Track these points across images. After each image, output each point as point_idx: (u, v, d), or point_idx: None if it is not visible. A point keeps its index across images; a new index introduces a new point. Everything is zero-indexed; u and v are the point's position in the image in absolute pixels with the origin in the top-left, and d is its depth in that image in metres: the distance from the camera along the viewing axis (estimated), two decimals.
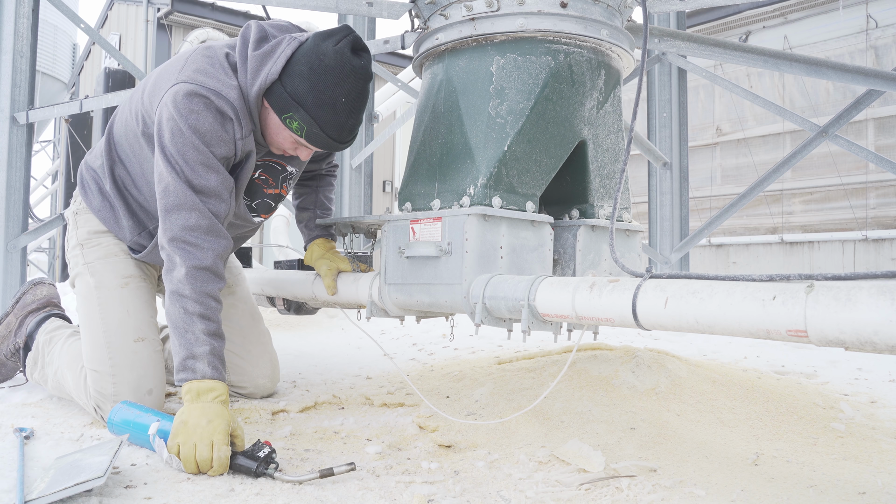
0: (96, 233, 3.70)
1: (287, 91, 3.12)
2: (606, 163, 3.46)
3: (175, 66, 3.27)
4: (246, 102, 3.20)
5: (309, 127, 3.12)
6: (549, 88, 3.26)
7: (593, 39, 3.34)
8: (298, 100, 3.09)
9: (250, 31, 3.24)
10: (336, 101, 3.07)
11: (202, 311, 3.03)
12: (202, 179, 3.11)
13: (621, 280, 2.45)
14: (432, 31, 3.50)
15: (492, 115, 3.21)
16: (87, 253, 3.68)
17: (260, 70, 3.14)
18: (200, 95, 3.09)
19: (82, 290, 3.65)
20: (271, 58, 3.15)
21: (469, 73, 3.36)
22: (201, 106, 3.08)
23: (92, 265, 3.65)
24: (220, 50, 3.27)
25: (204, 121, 3.09)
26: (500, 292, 2.86)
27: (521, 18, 3.28)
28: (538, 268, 3.20)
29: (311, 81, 3.06)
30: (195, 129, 3.08)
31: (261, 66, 3.15)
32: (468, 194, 3.13)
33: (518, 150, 3.19)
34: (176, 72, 3.21)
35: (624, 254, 3.49)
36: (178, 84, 3.11)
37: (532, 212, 3.22)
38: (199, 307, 3.03)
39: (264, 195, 3.60)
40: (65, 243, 3.88)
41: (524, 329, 2.75)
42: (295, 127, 3.14)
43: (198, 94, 3.09)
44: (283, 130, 3.23)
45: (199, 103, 3.08)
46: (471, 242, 3.03)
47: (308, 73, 3.07)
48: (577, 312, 2.54)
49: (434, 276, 3.15)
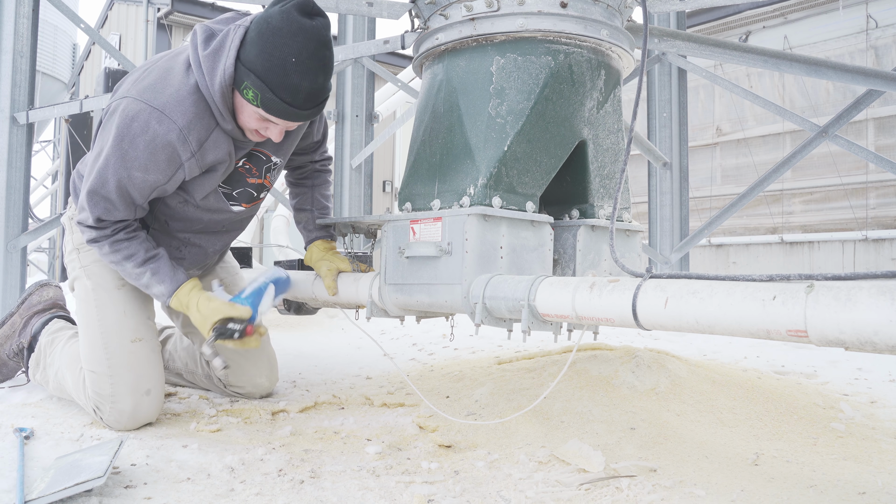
0: None
1: (241, 62, 3.05)
2: (606, 163, 3.46)
3: (138, 72, 3.29)
4: (210, 105, 3.17)
5: (262, 93, 3.04)
6: (549, 88, 3.26)
7: (593, 39, 3.35)
8: (249, 66, 3.03)
9: (196, 35, 3.20)
10: (286, 61, 2.98)
11: (124, 256, 3.39)
12: (107, 188, 3.22)
13: (621, 280, 2.46)
14: (432, 31, 3.51)
15: (492, 115, 3.21)
16: (84, 257, 3.68)
17: (215, 67, 3.09)
18: (142, 118, 3.09)
19: (80, 292, 3.66)
20: (223, 50, 3.09)
21: (469, 73, 3.36)
22: (138, 131, 3.10)
23: (88, 268, 3.65)
24: (182, 56, 3.26)
25: (136, 150, 3.12)
26: (501, 292, 2.86)
27: (521, 18, 3.28)
28: (538, 268, 3.20)
29: (259, 46, 3.00)
30: (125, 155, 3.13)
31: (215, 62, 3.09)
32: (468, 194, 3.13)
33: (518, 150, 3.19)
34: (133, 80, 3.24)
35: (624, 254, 3.50)
36: (128, 99, 3.14)
37: (532, 212, 3.22)
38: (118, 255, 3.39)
39: (246, 184, 3.55)
40: (63, 248, 3.88)
41: (524, 329, 2.75)
42: (251, 97, 3.07)
43: (140, 115, 3.09)
44: (246, 107, 3.16)
45: (137, 128, 3.10)
46: (471, 242, 3.03)
47: (257, 39, 3.01)
48: (577, 312, 2.54)
49: (434, 277, 3.14)
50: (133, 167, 3.14)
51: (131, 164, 3.14)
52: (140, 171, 3.15)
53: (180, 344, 4.25)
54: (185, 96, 3.13)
